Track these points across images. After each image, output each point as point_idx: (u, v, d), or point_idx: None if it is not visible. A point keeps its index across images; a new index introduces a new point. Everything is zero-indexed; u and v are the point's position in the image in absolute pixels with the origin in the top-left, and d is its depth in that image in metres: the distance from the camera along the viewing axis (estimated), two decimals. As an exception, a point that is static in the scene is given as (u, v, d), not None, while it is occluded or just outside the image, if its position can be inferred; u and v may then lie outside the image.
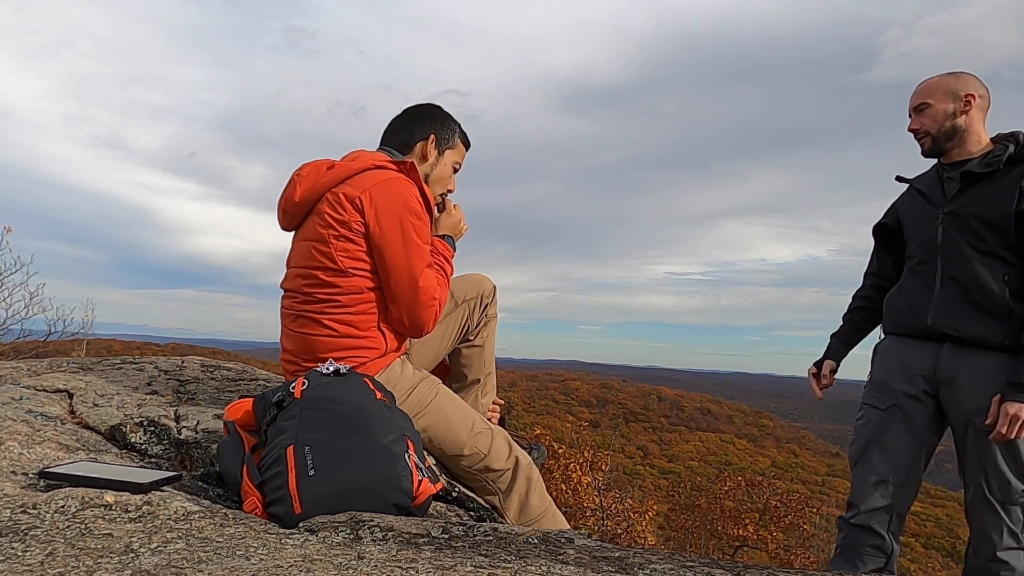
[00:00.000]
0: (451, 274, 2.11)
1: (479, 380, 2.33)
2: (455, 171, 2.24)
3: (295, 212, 1.99)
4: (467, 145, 2.27)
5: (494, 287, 2.35)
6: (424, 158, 2.14)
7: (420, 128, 2.15)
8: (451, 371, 2.37)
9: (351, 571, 1.02)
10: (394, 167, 2.00)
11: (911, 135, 2.24)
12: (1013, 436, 1.96)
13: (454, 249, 2.18)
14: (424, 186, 2.05)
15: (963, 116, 2.14)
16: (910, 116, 2.24)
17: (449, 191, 2.25)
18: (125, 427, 1.82)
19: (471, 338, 2.31)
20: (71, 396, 2.01)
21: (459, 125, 2.23)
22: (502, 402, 2.43)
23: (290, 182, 2.01)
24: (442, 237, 2.16)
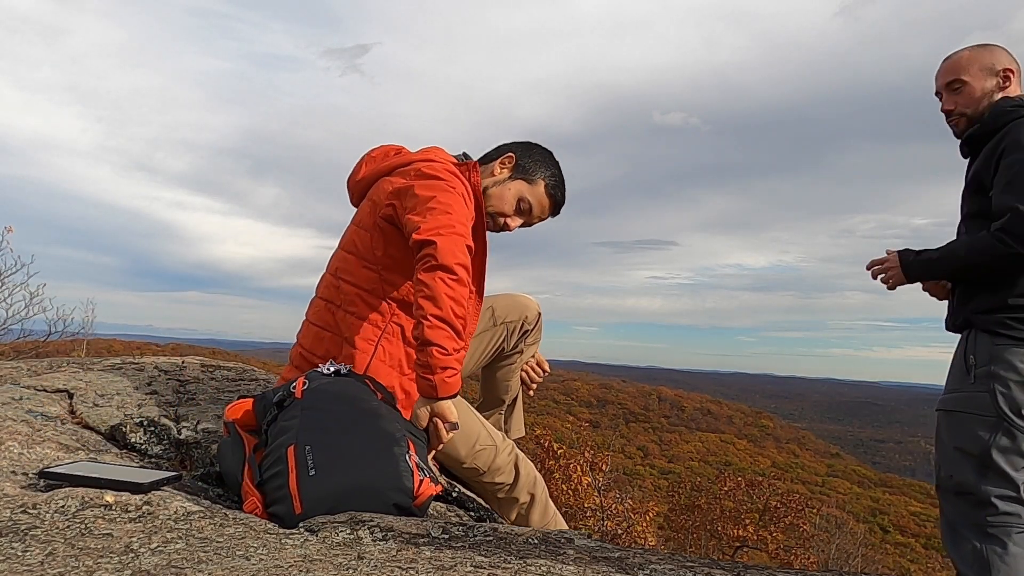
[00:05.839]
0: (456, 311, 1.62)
1: (503, 402, 2.23)
2: (520, 209, 1.97)
3: (354, 191, 1.98)
4: (552, 198, 1.99)
5: (539, 313, 2.19)
6: (492, 174, 1.98)
7: (507, 148, 2.01)
8: (480, 389, 2.28)
9: (351, 571, 1.02)
10: (453, 162, 1.88)
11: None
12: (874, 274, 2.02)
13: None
14: (479, 192, 1.88)
15: (1001, 93, 1.90)
16: (938, 96, 2.01)
17: (505, 223, 1.97)
18: (125, 427, 1.82)
19: (505, 360, 2.19)
20: (71, 396, 2.00)
21: (553, 173, 1.99)
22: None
23: (359, 161, 1.99)
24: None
